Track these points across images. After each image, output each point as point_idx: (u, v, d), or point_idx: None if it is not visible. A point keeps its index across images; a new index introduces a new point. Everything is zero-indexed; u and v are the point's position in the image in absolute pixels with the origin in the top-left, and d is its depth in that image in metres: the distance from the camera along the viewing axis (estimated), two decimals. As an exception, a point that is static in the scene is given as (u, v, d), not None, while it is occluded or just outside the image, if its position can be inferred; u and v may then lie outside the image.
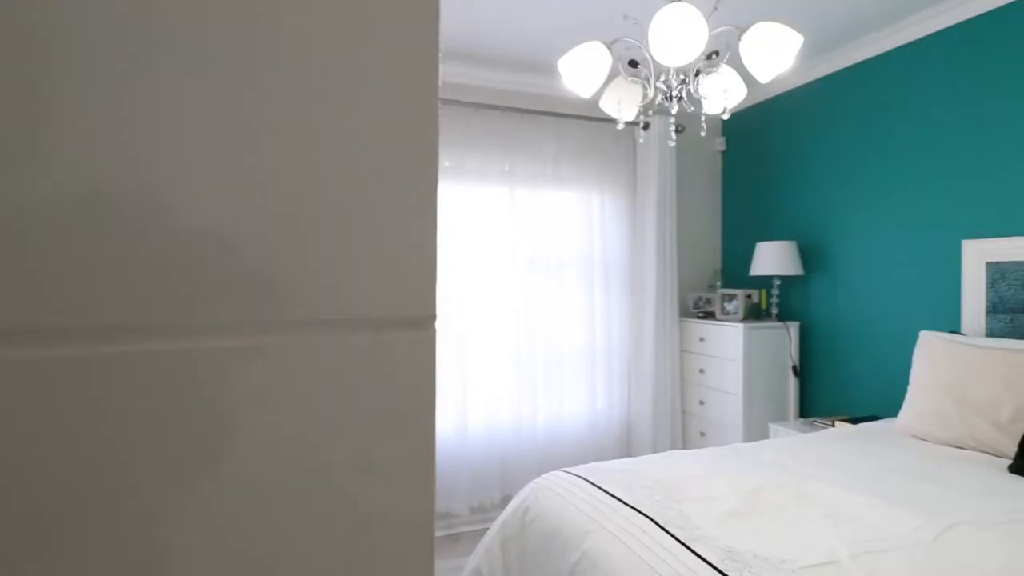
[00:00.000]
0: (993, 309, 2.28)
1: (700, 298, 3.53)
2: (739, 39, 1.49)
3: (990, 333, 2.28)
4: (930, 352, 2.13)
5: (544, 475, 1.74)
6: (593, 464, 1.79)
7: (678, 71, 1.60)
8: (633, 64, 1.63)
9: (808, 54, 2.97)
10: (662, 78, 1.60)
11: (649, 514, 1.37)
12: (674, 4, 1.33)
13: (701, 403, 3.34)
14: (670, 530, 1.28)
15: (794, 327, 3.16)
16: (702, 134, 1.70)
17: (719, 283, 3.56)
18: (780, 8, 2.47)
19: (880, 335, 2.77)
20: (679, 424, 3.41)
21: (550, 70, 2.87)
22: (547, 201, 3.26)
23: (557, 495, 1.57)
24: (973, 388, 1.92)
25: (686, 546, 1.21)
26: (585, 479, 1.63)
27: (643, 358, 3.38)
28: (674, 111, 1.62)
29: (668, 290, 3.39)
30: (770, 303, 3.23)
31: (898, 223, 2.70)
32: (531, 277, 3.19)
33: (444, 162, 3.04)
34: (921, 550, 1.22)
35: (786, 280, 3.27)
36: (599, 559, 1.28)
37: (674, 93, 1.59)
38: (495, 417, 3.10)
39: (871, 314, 2.83)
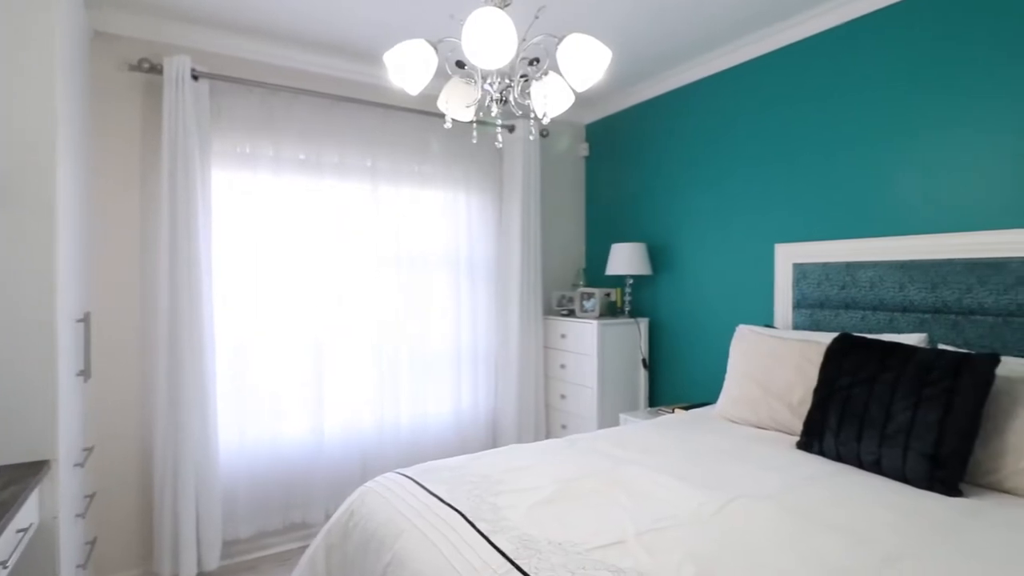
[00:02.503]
0: (798, 305, 2.58)
1: (564, 296, 3.67)
2: (556, 48, 1.55)
3: (796, 326, 2.58)
4: (743, 344, 2.37)
5: (375, 478, 1.71)
6: (427, 464, 1.79)
7: (502, 75, 1.64)
8: (460, 65, 1.65)
9: (658, 68, 3.18)
10: (488, 80, 1.63)
11: (461, 509, 1.39)
12: (484, 8, 1.36)
13: (563, 397, 3.47)
14: (477, 524, 1.31)
15: (644, 323, 3.38)
16: (531, 138, 1.75)
17: (582, 282, 3.72)
18: (613, 24, 2.62)
19: (712, 329, 3.03)
20: (543, 418, 3.52)
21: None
22: (412, 199, 3.22)
23: (382, 498, 1.55)
24: (774, 375, 2.16)
25: (487, 538, 1.24)
26: (413, 479, 1.62)
27: (508, 355, 3.44)
28: (494, 113, 1.65)
29: (533, 289, 3.48)
30: (624, 301, 3.43)
31: (727, 228, 2.98)
32: (396, 276, 3.14)
33: (299, 155, 2.90)
34: (701, 523, 1.35)
35: (638, 279, 3.49)
36: (407, 558, 1.28)
37: (496, 95, 1.62)
38: (355, 420, 3.01)
39: (706, 310, 3.10)
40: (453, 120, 1.77)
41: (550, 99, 1.67)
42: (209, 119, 2.63)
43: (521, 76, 1.73)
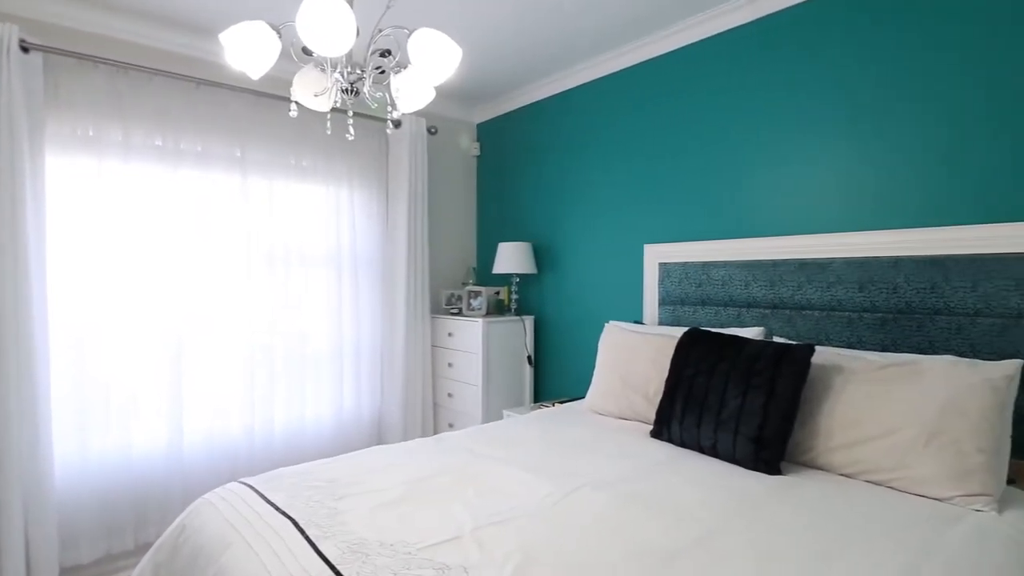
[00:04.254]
0: (663, 302, 2.73)
1: (452, 295, 3.66)
2: (407, 41, 1.53)
3: (661, 322, 2.74)
4: (609, 339, 2.47)
5: (215, 489, 1.60)
6: (276, 471, 1.70)
7: (353, 65, 1.59)
8: (307, 52, 1.58)
9: (547, 70, 3.24)
10: (338, 69, 1.58)
11: (294, 516, 1.33)
12: (320, -8, 1.31)
13: (450, 395, 3.45)
14: (307, 531, 1.26)
15: (529, 320, 3.44)
16: (388, 131, 1.70)
17: (472, 281, 3.72)
18: (497, 25, 2.65)
19: (592, 325, 3.15)
20: (430, 418, 3.49)
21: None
22: (289, 193, 3.07)
23: (215, 509, 1.45)
24: (633, 368, 2.27)
25: (313, 545, 1.19)
26: (253, 488, 1.53)
27: (394, 355, 3.38)
28: (336, 102, 1.60)
29: (420, 287, 3.44)
30: (512, 299, 3.48)
31: (604, 229, 3.10)
32: (271, 273, 2.97)
33: (155, 141, 2.66)
34: (541, 514, 1.38)
35: (525, 278, 3.55)
36: (230, 571, 1.20)
37: (346, 85, 1.57)
38: (222, 426, 2.82)
39: (586, 307, 3.21)
40: (330, 112, 1.70)
41: (405, 93, 1.64)
42: (42, 97, 2.35)
43: (377, 68, 1.69)
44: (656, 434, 2.02)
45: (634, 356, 2.29)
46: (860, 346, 2.02)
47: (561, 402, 2.90)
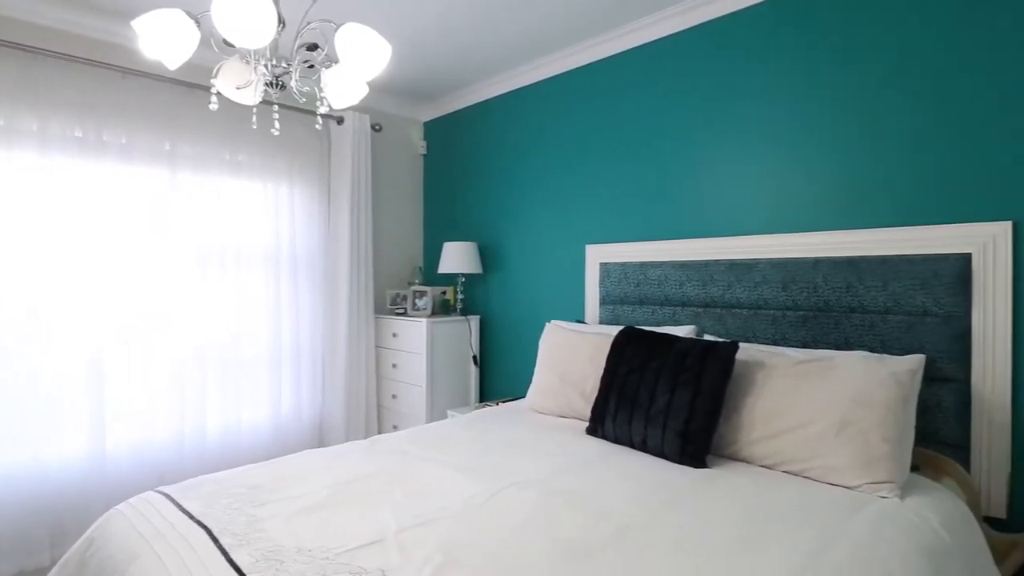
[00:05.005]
0: (603, 301, 2.78)
1: (398, 295, 3.61)
2: (335, 36, 1.50)
3: (602, 320, 2.78)
4: (549, 338, 2.49)
5: (128, 500, 1.52)
6: (197, 478, 1.64)
7: (279, 58, 1.55)
8: (229, 44, 1.52)
9: (493, 70, 3.24)
10: (263, 62, 1.53)
11: (209, 525, 1.28)
12: (236, -19, 1.26)
13: (394, 397, 3.41)
14: (220, 539, 1.21)
15: (475, 320, 3.43)
16: (317, 127, 1.66)
17: (418, 280, 3.68)
18: (446, 23, 2.63)
19: (536, 325, 3.16)
20: (374, 420, 3.44)
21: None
22: (224, 189, 2.96)
23: (126, 520, 1.38)
24: (571, 367, 2.30)
25: (226, 554, 1.15)
26: (168, 497, 1.47)
27: (336, 356, 3.31)
28: (263, 95, 1.55)
29: (363, 287, 3.38)
30: (457, 299, 3.46)
31: (548, 229, 3.13)
32: (203, 273, 2.85)
33: (75, 132, 2.52)
34: (467, 514, 1.37)
35: (470, 277, 3.54)
36: (136, 585, 1.14)
37: (270, 78, 1.53)
38: (149, 433, 2.69)
39: (531, 307, 3.23)
40: (278, 107, 1.64)
41: (336, 88, 1.61)
42: (-57, 82, 2.19)
43: (305, 62, 1.65)
44: (591, 431, 2.05)
45: (573, 355, 2.32)
46: (784, 343, 2.11)
47: (505, 401, 2.91)
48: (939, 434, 1.79)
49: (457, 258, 3.31)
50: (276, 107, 1.60)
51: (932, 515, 1.40)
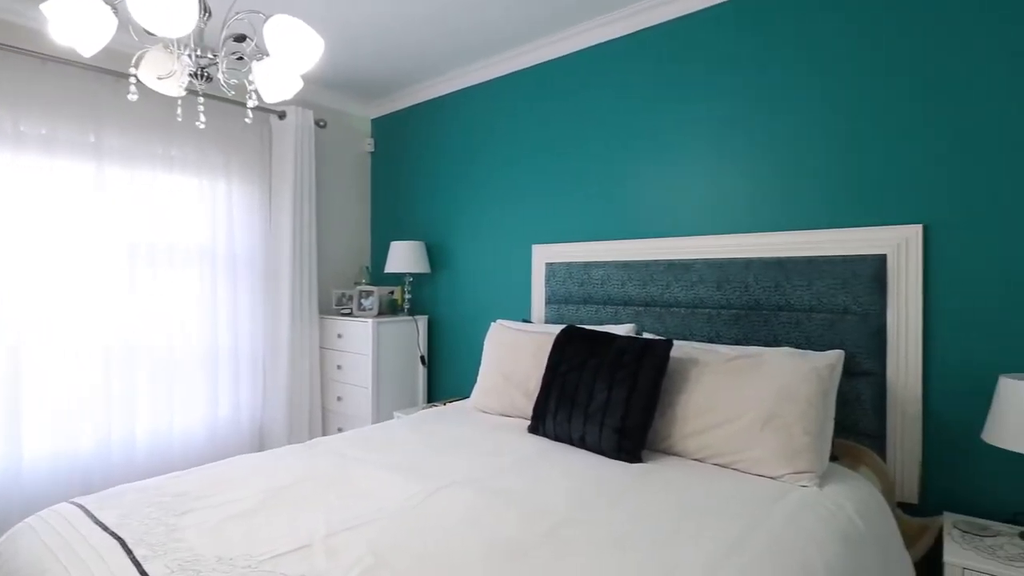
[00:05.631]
0: (549, 300, 2.80)
1: (344, 295, 3.54)
2: (263, 28, 1.45)
3: (548, 320, 2.81)
4: (494, 338, 2.50)
5: (40, 512, 1.43)
6: (117, 488, 1.56)
7: (204, 48, 1.49)
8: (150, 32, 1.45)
9: (442, 68, 3.21)
10: (187, 52, 1.47)
11: (124, 536, 1.22)
12: (153, -33, 1.21)
13: (339, 399, 3.34)
14: (135, 551, 1.16)
15: (423, 320, 3.40)
16: (247, 120, 1.60)
17: (365, 280, 3.62)
18: (392, 19, 2.59)
19: (484, 324, 3.17)
20: (318, 423, 3.36)
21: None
22: (156, 184, 2.82)
23: (35, 533, 1.30)
24: (515, 366, 2.31)
25: (139, 566, 1.10)
26: (83, 508, 1.39)
27: (278, 357, 3.21)
28: (181, 87, 1.49)
29: (307, 287, 3.29)
30: (405, 299, 3.42)
31: (495, 229, 3.13)
32: (132, 272, 2.72)
33: (-14, 121, 2.35)
34: (401, 515, 1.36)
35: (418, 277, 3.51)
36: (40, 603, 1.07)
37: (194, 69, 1.47)
38: (71, 440, 2.54)
39: (478, 306, 3.23)
40: (203, 99, 1.57)
41: (267, 81, 1.56)
42: None
43: (234, 54, 1.59)
44: (533, 429, 2.06)
45: (517, 354, 2.33)
46: (719, 340, 2.18)
47: (453, 402, 2.89)
48: (858, 425, 1.90)
49: (405, 257, 3.27)
50: (202, 99, 1.53)
51: (848, 503, 1.48)
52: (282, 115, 3.24)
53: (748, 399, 1.72)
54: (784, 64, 2.12)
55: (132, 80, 1.46)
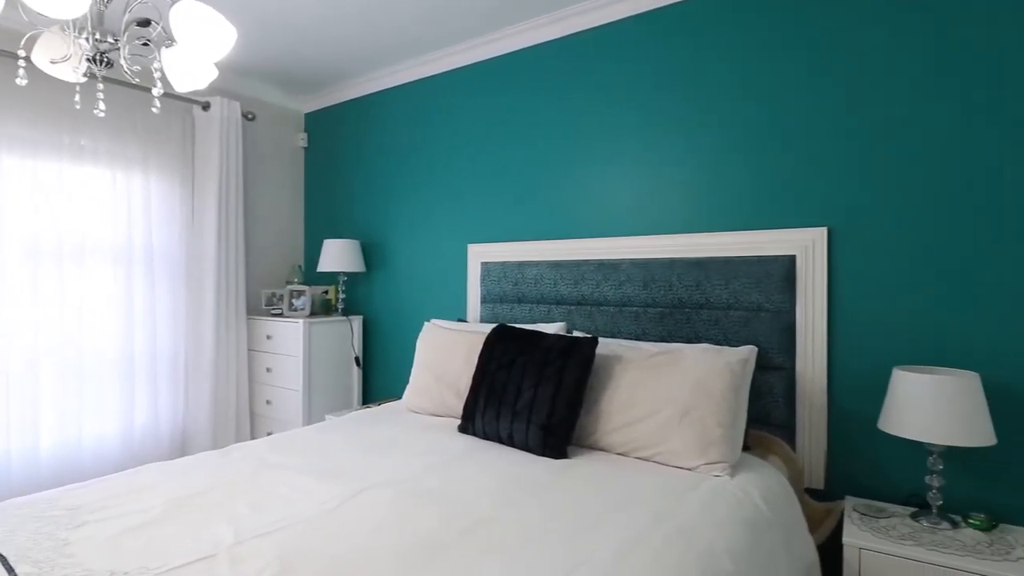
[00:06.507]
0: (484, 300, 2.81)
1: (274, 295, 3.42)
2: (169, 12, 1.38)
3: (483, 319, 2.81)
4: (427, 338, 2.48)
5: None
6: (7, 501, 1.44)
7: (104, 32, 1.40)
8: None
9: (377, 64, 3.15)
10: (84, 35, 1.38)
11: (4, 553, 1.13)
12: (38, -58, 1.13)
13: (268, 403, 3.22)
14: (17, 568, 1.07)
15: (357, 320, 3.33)
16: (154, 110, 1.52)
17: (297, 279, 3.51)
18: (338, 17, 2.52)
19: (420, 324, 3.14)
20: (246, 428, 3.23)
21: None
22: (62, 177, 2.64)
23: (-100, 555, 1.18)
24: (447, 366, 2.30)
25: (17, 584, 1.02)
26: (-39, 524, 1.28)
27: (202, 360, 3.06)
28: (79, 72, 1.40)
29: (233, 287, 3.16)
30: (339, 298, 3.34)
31: (432, 228, 3.11)
32: (34, 270, 2.53)
33: None
34: (316, 520, 1.32)
35: (353, 276, 3.43)
36: (-101, 632, 0.98)
37: (91, 54, 1.38)
38: (-37, 455, 2.33)
39: (415, 306, 3.19)
40: (103, 86, 1.45)
41: (176, 69, 1.48)
42: None
43: (139, 39, 1.51)
44: (463, 429, 2.06)
45: (448, 354, 2.32)
46: (645, 337, 2.25)
47: (389, 402, 2.85)
48: (771, 417, 2.00)
49: (339, 256, 3.19)
50: (101, 86, 1.44)
51: (755, 490, 1.56)
52: (206, 106, 3.10)
53: (667, 394, 1.78)
54: (706, 74, 2.21)
55: (21, 64, 1.35)
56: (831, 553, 1.81)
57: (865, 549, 1.59)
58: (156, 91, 1.45)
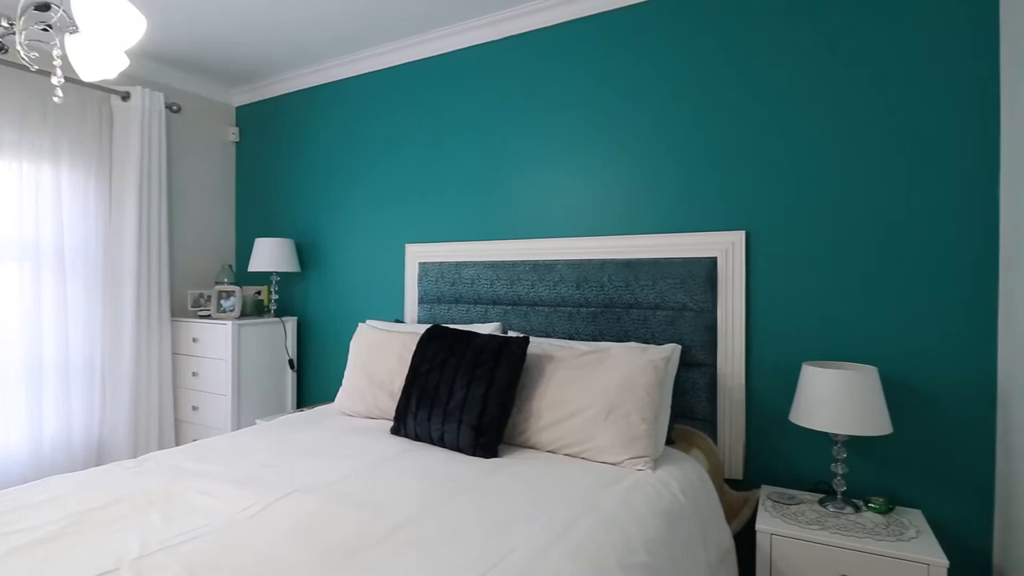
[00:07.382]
0: (421, 300, 2.79)
1: (201, 296, 3.28)
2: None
3: (420, 320, 2.79)
4: (360, 339, 2.44)
5: None
6: None
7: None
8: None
9: (311, 57, 3.07)
10: (-27, 17, 1.28)
11: None
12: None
13: (195, 408, 3.08)
14: None
15: (291, 322, 3.24)
16: (55, 99, 1.42)
17: (227, 280, 3.37)
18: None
19: (356, 325, 3.08)
20: (170, 435, 3.07)
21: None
22: (-41, 167, 2.43)
23: None
24: (379, 366, 2.27)
25: None
26: None
27: (120, 365, 2.90)
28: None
29: (156, 287, 3.01)
30: (272, 299, 3.23)
31: (369, 228, 3.06)
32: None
33: None
34: (230, 529, 1.28)
35: (286, 276, 3.33)
36: None
37: (-21, 38, 1.29)
38: None
39: (352, 307, 3.13)
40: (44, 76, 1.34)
41: (82, 56, 1.40)
42: None
43: (40, 24, 1.41)
44: (395, 430, 2.04)
45: (382, 355, 2.29)
46: (578, 337, 2.30)
47: (324, 406, 2.78)
48: (694, 411, 2.09)
49: (271, 255, 3.09)
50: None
51: (674, 482, 1.62)
52: (125, 96, 2.93)
53: (595, 392, 1.82)
54: (639, 79, 2.28)
55: None
56: (748, 539, 1.90)
57: (776, 535, 1.68)
58: (56, 79, 1.36)
